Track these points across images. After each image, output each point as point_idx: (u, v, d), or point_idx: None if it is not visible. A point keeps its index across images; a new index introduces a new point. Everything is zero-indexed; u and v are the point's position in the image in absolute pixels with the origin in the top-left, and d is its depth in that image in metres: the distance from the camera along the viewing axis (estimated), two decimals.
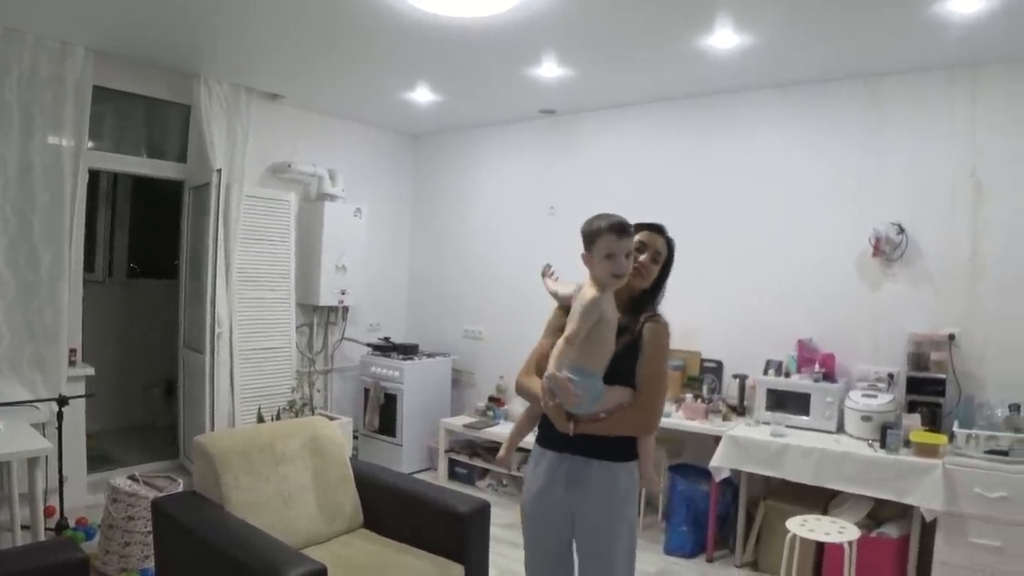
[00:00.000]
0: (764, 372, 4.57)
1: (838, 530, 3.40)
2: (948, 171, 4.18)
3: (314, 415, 5.03)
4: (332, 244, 5.87)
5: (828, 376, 4.36)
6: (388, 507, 3.33)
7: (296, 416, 5.13)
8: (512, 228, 6.20)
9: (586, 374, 2.25)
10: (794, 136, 4.73)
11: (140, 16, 3.96)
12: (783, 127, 4.78)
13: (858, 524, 3.64)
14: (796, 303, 4.68)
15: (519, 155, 6.19)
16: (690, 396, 4.72)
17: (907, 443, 3.80)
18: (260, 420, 5.10)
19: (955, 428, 3.74)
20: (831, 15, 3.57)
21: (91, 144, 4.68)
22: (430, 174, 6.90)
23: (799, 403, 4.32)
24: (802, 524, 3.45)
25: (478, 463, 5.62)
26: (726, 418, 4.53)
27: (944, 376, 4.03)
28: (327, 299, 5.92)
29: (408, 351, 6.18)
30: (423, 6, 3.53)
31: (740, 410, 4.67)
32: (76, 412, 4.45)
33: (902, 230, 4.27)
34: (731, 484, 4.41)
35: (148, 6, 3.79)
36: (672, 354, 4.31)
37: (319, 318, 6.17)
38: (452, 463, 5.81)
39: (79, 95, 4.38)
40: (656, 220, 2.51)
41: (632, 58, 4.38)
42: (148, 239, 7.11)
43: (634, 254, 2.32)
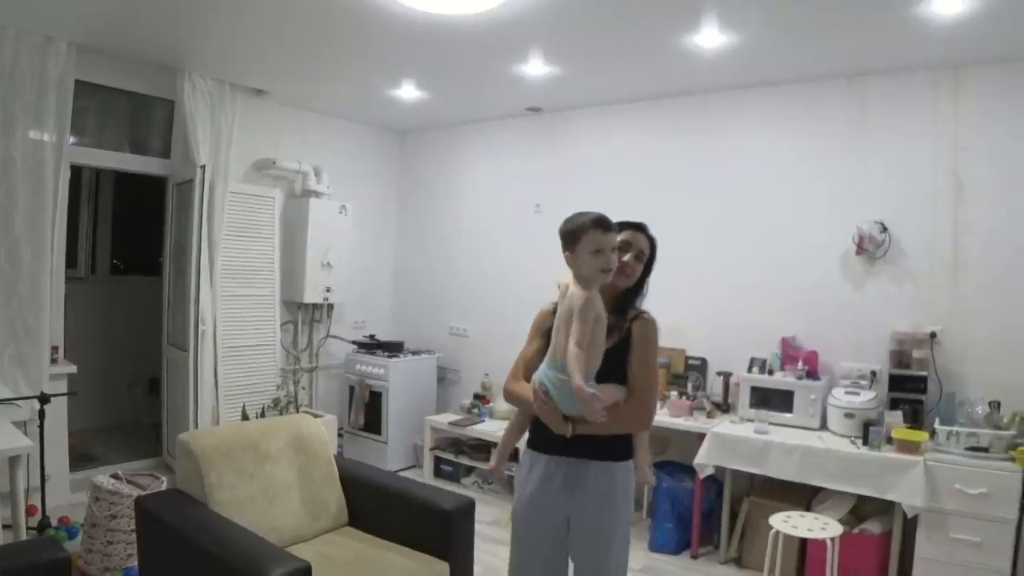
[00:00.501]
0: (748, 369, 4.59)
1: (821, 526, 3.43)
2: (930, 170, 4.22)
3: (299, 413, 5.02)
4: (317, 241, 5.85)
5: (811, 373, 4.40)
6: (373, 505, 3.32)
7: (281, 414, 5.12)
8: (498, 226, 6.20)
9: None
10: (778, 135, 4.76)
11: (123, 10, 3.93)
12: (768, 126, 4.80)
13: (841, 520, 3.68)
14: (780, 301, 4.71)
15: (505, 153, 6.19)
16: (675, 394, 4.74)
17: (889, 440, 3.83)
18: (244, 418, 5.08)
19: (936, 425, 3.78)
20: (815, 15, 3.59)
21: (73, 139, 4.64)
22: (416, 171, 6.89)
23: (783, 400, 4.35)
24: (785, 521, 3.47)
25: (464, 460, 5.61)
26: (710, 415, 4.55)
27: (926, 374, 4.07)
28: (312, 296, 5.90)
29: (393, 349, 6.17)
30: (410, 3, 3.52)
31: (724, 407, 4.70)
32: (58, 410, 4.40)
33: (885, 229, 4.31)
34: (715, 481, 4.43)
35: (132, 0, 3.76)
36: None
37: (304, 315, 6.15)
38: (437, 461, 5.80)
39: (61, 90, 4.34)
40: (641, 218, 2.51)
41: (618, 57, 4.39)
42: (131, 236, 7.06)
43: (618, 253, 2.32)
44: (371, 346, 6.23)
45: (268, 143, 5.76)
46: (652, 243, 2.49)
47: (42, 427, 4.00)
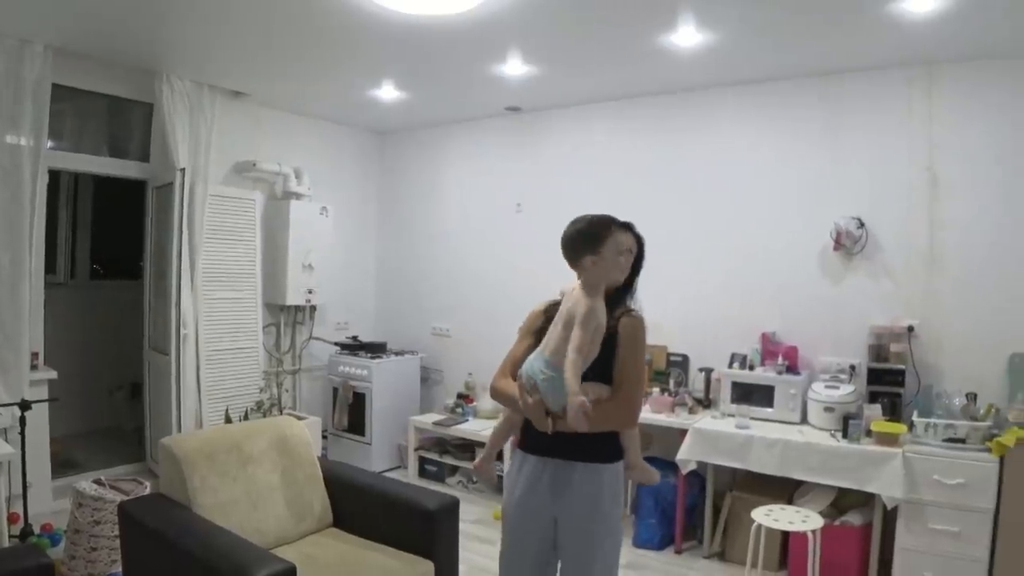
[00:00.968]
0: (729, 365, 4.63)
1: (802, 519, 3.47)
2: (906, 166, 4.28)
3: (282, 415, 5.01)
4: (298, 243, 5.83)
5: (791, 368, 4.44)
6: (357, 506, 3.33)
7: (264, 416, 5.10)
8: (479, 225, 6.21)
9: (562, 372, 2.22)
10: (756, 132, 4.81)
11: (100, 12, 3.89)
12: (745, 124, 4.85)
13: (822, 513, 3.73)
14: (760, 297, 4.76)
15: (485, 152, 6.20)
16: (657, 390, 4.77)
17: (868, 433, 3.88)
18: (228, 421, 5.07)
19: (914, 417, 3.83)
20: (790, 14, 3.62)
21: (51, 143, 4.61)
22: (397, 172, 6.88)
23: (763, 395, 4.39)
24: (767, 514, 3.51)
25: (448, 460, 5.62)
26: (692, 411, 4.58)
27: (904, 367, 4.12)
28: (294, 298, 5.89)
29: (376, 350, 6.17)
30: (388, 4, 3.52)
31: (706, 403, 4.73)
32: (39, 416, 4.37)
33: (862, 224, 4.36)
34: (698, 476, 4.46)
35: (108, 2, 3.73)
36: None
37: (286, 318, 6.13)
38: (422, 461, 5.81)
39: (38, 93, 4.30)
40: (621, 217, 2.53)
41: (596, 56, 4.41)
42: (111, 240, 7.01)
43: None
44: (354, 347, 6.22)
45: (248, 145, 5.74)
46: (640, 242, 2.51)
47: (23, 434, 3.97)
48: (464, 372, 6.06)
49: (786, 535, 3.95)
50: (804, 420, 4.27)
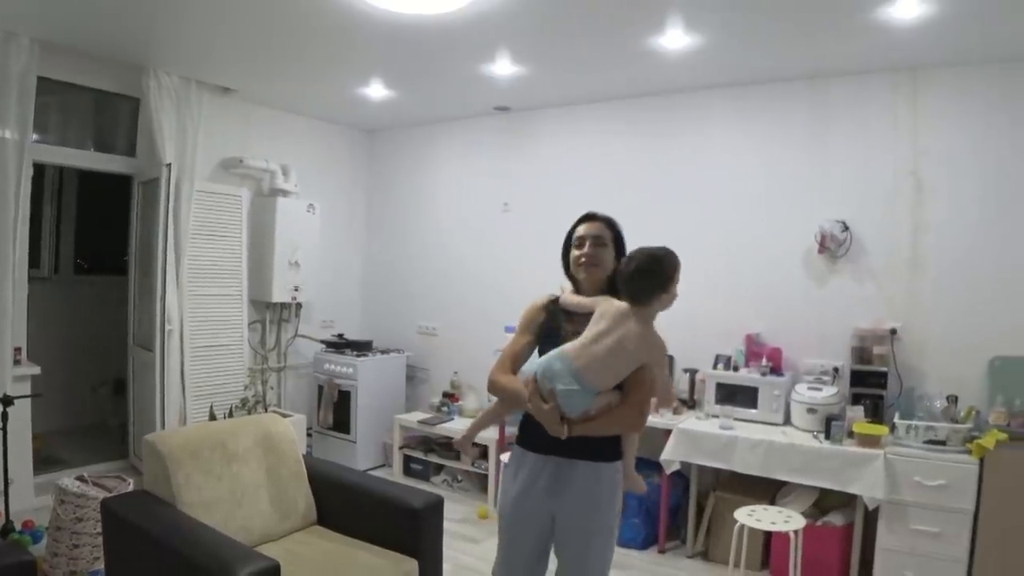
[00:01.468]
0: (713, 366, 4.66)
1: (784, 520, 3.50)
2: (890, 170, 4.32)
3: (267, 412, 4.99)
4: (285, 240, 5.82)
5: (775, 370, 4.47)
6: (342, 504, 3.33)
7: (249, 414, 5.08)
8: (466, 224, 6.21)
9: (587, 389, 2.22)
10: (742, 135, 4.84)
11: (87, 6, 3.87)
12: (731, 127, 4.88)
13: (804, 513, 3.76)
14: (745, 299, 4.79)
15: (474, 152, 6.20)
16: None
17: (850, 434, 3.92)
18: (212, 418, 5.04)
19: (896, 419, 3.87)
20: (778, 18, 3.65)
21: (36, 137, 4.57)
22: (385, 170, 6.87)
23: (747, 396, 4.42)
24: (750, 514, 3.54)
25: (433, 459, 5.61)
26: (677, 412, 4.59)
27: (886, 369, 4.16)
28: (280, 296, 5.87)
29: (362, 348, 6.16)
30: (378, 3, 3.53)
31: (690, 404, 4.76)
32: (21, 412, 4.32)
33: (846, 227, 4.39)
34: (682, 476, 4.49)
35: None
36: None
37: (272, 315, 6.11)
38: (407, 459, 5.80)
39: (23, 87, 4.27)
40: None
41: (584, 57, 4.42)
42: (96, 235, 6.95)
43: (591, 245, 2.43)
44: (340, 345, 6.21)
45: (235, 141, 5.72)
46: (618, 236, 2.55)
47: (5, 430, 3.94)
48: (450, 371, 6.06)
49: (769, 535, 3.98)
50: (787, 421, 4.30)
